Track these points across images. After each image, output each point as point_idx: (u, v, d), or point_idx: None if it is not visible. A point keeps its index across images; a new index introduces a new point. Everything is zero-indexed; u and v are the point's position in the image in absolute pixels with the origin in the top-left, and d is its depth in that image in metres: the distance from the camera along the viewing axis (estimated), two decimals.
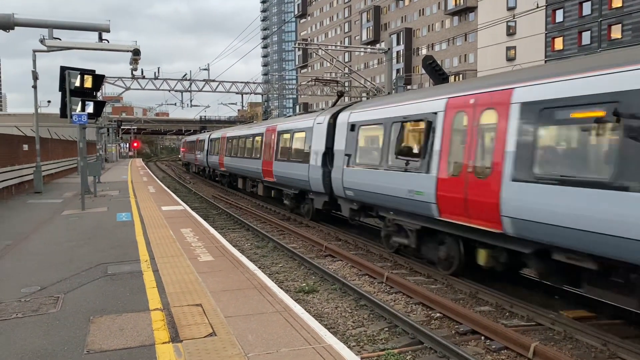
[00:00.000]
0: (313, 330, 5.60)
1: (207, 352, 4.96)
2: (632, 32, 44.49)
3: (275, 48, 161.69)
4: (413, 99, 11.20)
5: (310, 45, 32.23)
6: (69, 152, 35.03)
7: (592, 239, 6.65)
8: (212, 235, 11.44)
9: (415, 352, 6.68)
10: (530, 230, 7.63)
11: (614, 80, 6.59)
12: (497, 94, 8.55)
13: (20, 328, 5.68)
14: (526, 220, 7.62)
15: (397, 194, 10.98)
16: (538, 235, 7.54)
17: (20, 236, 11.36)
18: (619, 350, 6.49)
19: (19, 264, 8.70)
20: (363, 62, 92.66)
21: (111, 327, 5.64)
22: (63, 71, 15.94)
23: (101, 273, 8.01)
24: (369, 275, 10.60)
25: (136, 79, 37.82)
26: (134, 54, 18.50)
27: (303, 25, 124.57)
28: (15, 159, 20.09)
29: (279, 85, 51.08)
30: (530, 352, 6.34)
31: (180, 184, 36.37)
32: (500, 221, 8.13)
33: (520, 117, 7.94)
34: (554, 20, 52.45)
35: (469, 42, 69.56)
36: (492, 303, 8.61)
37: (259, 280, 7.65)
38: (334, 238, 14.72)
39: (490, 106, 8.67)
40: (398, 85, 28.70)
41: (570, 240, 7.01)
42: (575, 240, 6.94)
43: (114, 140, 67.82)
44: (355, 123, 13.45)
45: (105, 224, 12.82)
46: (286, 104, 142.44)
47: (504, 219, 8.03)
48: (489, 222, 8.39)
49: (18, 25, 15.81)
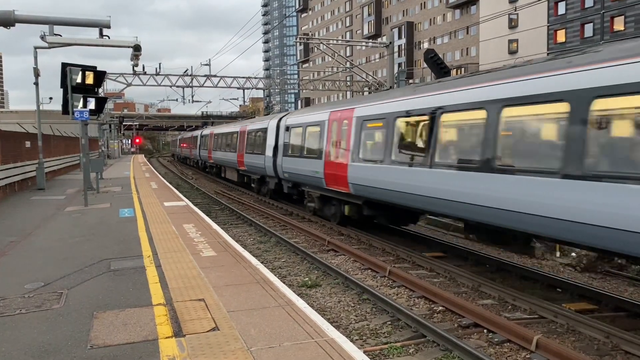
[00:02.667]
0: (316, 324, 5.61)
1: (210, 347, 4.98)
2: (634, 24, 44.24)
3: (277, 43, 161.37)
4: (316, 111, 16.67)
5: (312, 40, 32.17)
6: (71, 148, 35.08)
7: (386, 193, 11.72)
8: (215, 231, 11.46)
9: (418, 346, 6.70)
10: (360, 190, 12.96)
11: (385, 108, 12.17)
12: (347, 111, 14.00)
13: (25, 324, 5.71)
14: (358, 184, 12.98)
15: (308, 174, 16.20)
16: (363, 193, 12.86)
17: (24, 232, 11.40)
18: (622, 342, 6.49)
19: (22, 260, 8.73)
20: (365, 57, 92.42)
21: (114, 322, 5.67)
22: (64, 68, 15.92)
23: (104, 269, 8.03)
24: (372, 269, 10.61)
25: (137, 75, 37.75)
26: (135, 50, 18.45)
27: (304, 19, 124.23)
28: (18, 156, 20.13)
29: (281, 80, 51.00)
30: (532, 344, 6.34)
31: (183, 180, 36.42)
32: (348, 185, 13.49)
33: (355, 124, 13.39)
34: (557, 12, 52.14)
35: (470, 35, 69.31)
36: (495, 296, 8.62)
37: (261, 274, 7.67)
38: (336, 233, 14.74)
39: (345, 118, 14.03)
40: (400, 79, 28.62)
41: (375, 195, 12.28)
42: (378, 194, 12.11)
43: (116, 137, 67.89)
44: (288, 125, 18.67)
45: (108, 220, 12.85)
46: (288, 99, 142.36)
47: (350, 184, 13.39)
48: (344, 186, 13.73)
49: (19, 22, 15.78)
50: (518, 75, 8.12)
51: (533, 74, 7.82)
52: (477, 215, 8.74)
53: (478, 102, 8.79)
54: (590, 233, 6.69)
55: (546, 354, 6.16)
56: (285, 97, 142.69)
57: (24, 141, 21.67)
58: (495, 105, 8.37)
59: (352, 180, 13.19)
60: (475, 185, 8.64)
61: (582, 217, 6.74)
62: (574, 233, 6.94)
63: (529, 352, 6.35)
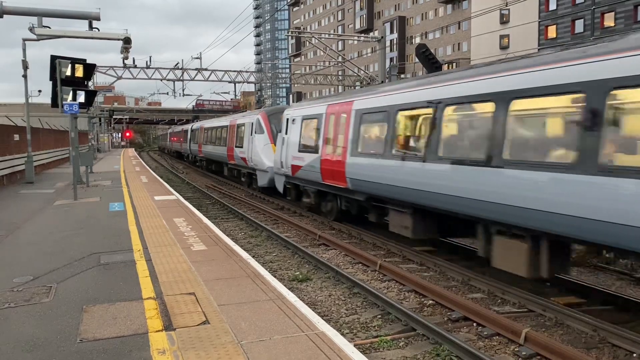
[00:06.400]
0: (306, 317, 5.62)
1: (200, 340, 4.98)
2: (624, 20, 44.51)
3: (268, 37, 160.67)
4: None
5: (303, 34, 32.07)
6: (61, 142, 34.79)
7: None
8: (206, 225, 11.43)
9: (408, 339, 6.73)
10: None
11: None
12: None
13: (13, 318, 5.67)
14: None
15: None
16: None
17: (13, 226, 11.30)
18: (609, 335, 6.56)
19: (11, 254, 8.66)
20: (356, 51, 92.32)
21: (104, 316, 5.65)
22: (53, 60, 15.77)
23: (94, 262, 7.99)
24: (363, 263, 10.64)
25: (128, 68, 37.48)
26: (125, 43, 18.32)
27: (296, 13, 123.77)
28: (7, 149, 19.93)
29: (272, 74, 50.83)
30: (521, 338, 6.40)
31: (173, 174, 36.25)
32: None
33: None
34: (547, 8, 52.34)
35: (462, 30, 69.39)
36: (484, 290, 8.68)
37: (252, 269, 7.67)
38: (327, 227, 14.75)
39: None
40: (392, 73, 28.62)
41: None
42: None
43: (106, 130, 67.39)
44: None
45: (98, 214, 12.77)
46: (279, 93, 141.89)
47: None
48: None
49: (7, 14, 15.60)
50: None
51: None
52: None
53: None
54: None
55: (535, 347, 6.22)
56: (276, 91, 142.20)
57: (13, 134, 21.45)
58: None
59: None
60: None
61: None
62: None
63: (518, 345, 6.41)
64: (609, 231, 6.25)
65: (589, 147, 6.55)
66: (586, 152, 6.57)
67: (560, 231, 7.01)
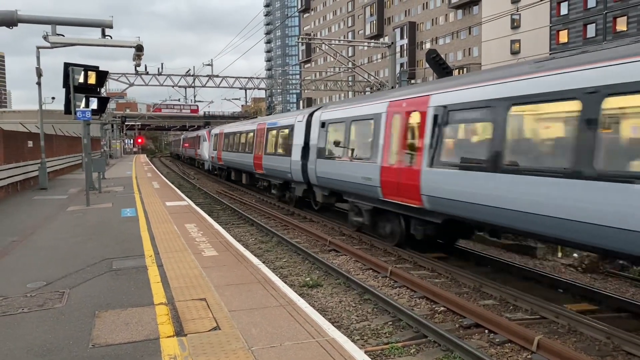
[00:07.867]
0: (317, 324, 5.62)
1: (211, 346, 4.99)
2: (637, 24, 44.15)
3: (279, 43, 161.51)
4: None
5: (314, 40, 32.19)
6: (74, 148, 35.15)
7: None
8: (216, 231, 11.47)
9: (419, 346, 6.70)
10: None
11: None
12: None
13: (26, 323, 5.72)
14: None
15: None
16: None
17: (26, 232, 11.42)
18: (623, 342, 6.48)
19: (24, 260, 8.75)
20: (367, 57, 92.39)
21: (116, 322, 5.68)
22: (67, 67, 15.96)
23: (106, 268, 8.05)
24: (373, 269, 10.61)
25: (140, 75, 37.89)
26: (137, 50, 18.48)
27: (306, 19, 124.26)
28: (20, 155, 20.18)
29: (283, 80, 51.05)
30: (534, 345, 6.34)
31: (185, 180, 36.44)
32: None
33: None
34: (559, 12, 52.07)
35: (473, 35, 69.24)
36: (496, 297, 8.61)
37: (263, 274, 7.68)
38: (338, 233, 14.74)
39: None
40: (402, 79, 28.60)
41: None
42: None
43: (118, 136, 67.94)
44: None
45: (110, 220, 12.87)
46: (290, 99, 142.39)
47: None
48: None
49: (21, 22, 15.81)
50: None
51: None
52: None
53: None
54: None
55: (547, 354, 6.16)
56: (287, 97, 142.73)
57: (27, 141, 21.72)
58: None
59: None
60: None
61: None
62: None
63: (530, 353, 6.35)
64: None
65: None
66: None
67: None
